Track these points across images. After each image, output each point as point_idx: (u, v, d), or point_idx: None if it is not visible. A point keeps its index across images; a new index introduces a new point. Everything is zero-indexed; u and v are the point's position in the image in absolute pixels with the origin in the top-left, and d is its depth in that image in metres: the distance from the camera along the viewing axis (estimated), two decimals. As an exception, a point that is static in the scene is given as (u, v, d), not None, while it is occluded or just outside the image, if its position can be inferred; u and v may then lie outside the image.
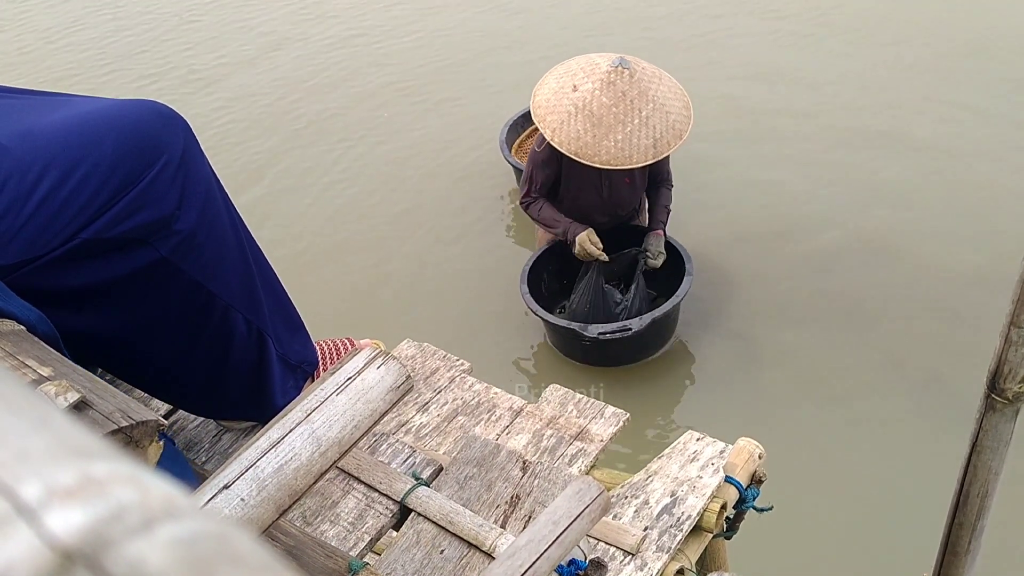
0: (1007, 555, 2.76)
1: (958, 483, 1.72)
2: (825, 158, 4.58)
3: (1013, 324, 1.40)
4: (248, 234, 1.57)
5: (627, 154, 3.15)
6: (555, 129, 3.20)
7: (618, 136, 3.13)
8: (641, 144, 3.14)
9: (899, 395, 3.42)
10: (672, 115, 3.20)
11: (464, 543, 1.52)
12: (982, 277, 3.76)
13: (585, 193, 3.53)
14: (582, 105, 3.16)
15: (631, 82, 3.16)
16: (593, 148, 3.14)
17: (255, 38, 6.37)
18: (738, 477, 1.84)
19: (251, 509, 1.12)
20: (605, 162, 3.16)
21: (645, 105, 3.15)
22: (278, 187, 4.84)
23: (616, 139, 3.13)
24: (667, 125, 3.18)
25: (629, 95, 3.15)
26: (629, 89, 3.16)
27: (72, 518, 0.25)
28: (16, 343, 1.13)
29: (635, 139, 3.13)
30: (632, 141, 3.13)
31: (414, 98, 5.42)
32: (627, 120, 3.13)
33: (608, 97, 3.15)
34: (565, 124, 3.18)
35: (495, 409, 2.08)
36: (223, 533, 0.27)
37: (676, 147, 3.20)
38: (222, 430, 1.82)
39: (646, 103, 3.16)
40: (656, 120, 3.16)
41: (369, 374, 1.25)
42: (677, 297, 3.43)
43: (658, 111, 3.17)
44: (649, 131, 3.15)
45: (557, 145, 3.19)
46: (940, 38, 5.36)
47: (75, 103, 1.36)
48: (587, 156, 3.16)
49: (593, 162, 3.16)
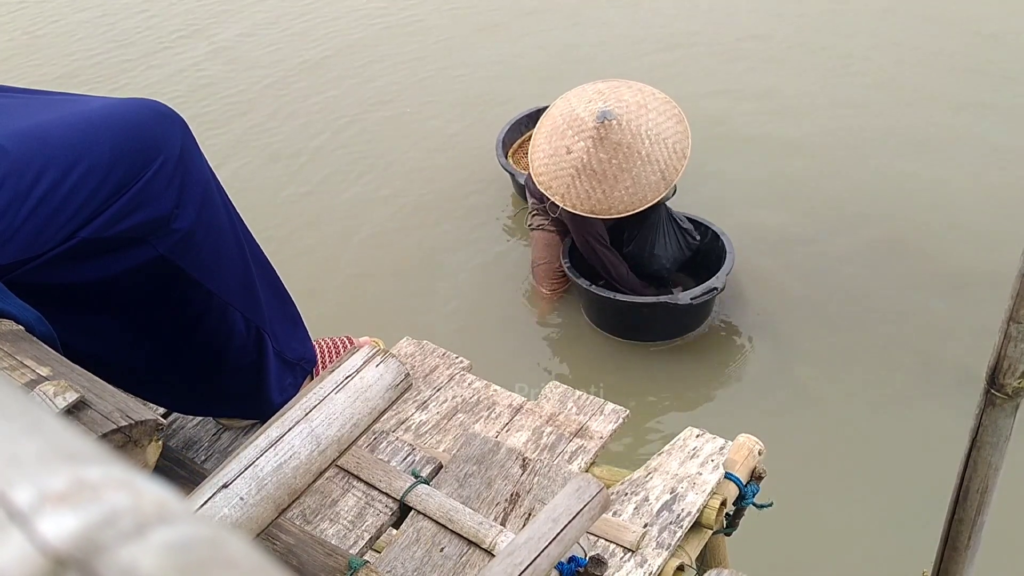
0: (1007, 551, 2.76)
1: (958, 479, 1.72)
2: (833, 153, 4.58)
3: (1012, 319, 1.40)
4: (247, 232, 1.57)
5: (640, 196, 3.17)
6: (563, 195, 3.23)
7: (626, 183, 3.14)
8: (650, 181, 3.16)
9: (899, 391, 3.42)
10: (670, 140, 3.19)
11: (464, 541, 1.52)
12: (992, 277, 3.75)
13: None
14: (581, 166, 3.17)
15: (621, 130, 3.15)
16: (606, 203, 3.17)
17: (254, 37, 6.36)
18: (738, 473, 1.84)
19: (250, 508, 1.12)
20: (621, 212, 3.20)
21: (642, 145, 3.15)
22: (276, 185, 4.83)
23: (625, 187, 3.14)
24: (669, 153, 3.18)
25: (624, 143, 3.15)
26: (622, 138, 3.15)
27: (64, 523, 0.25)
28: (14, 343, 1.13)
29: (642, 179, 3.15)
30: (640, 182, 3.15)
31: (415, 98, 5.41)
32: (629, 167, 3.14)
33: (604, 152, 3.15)
34: (571, 188, 3.20)
35: (495, 406, 2.08)
36: (216, 537, 0.27)
37: (683, 169, 3.21)
38: (221, 429, 1.82)
39: (642, 143, 3.15)
40: (657, 154, 3.16)
41: (368, 372, 1.25)
42: (727, 266, 3.46)
43: (656, 144, 3.16)
44: (653, 167, 3.15)
45: (571, 208, 3.22)
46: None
47: (73, 102, 1.36)
48: (603, 211, 3.20)
49: (611, 215, 3.20)
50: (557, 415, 2.02)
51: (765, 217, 4.23)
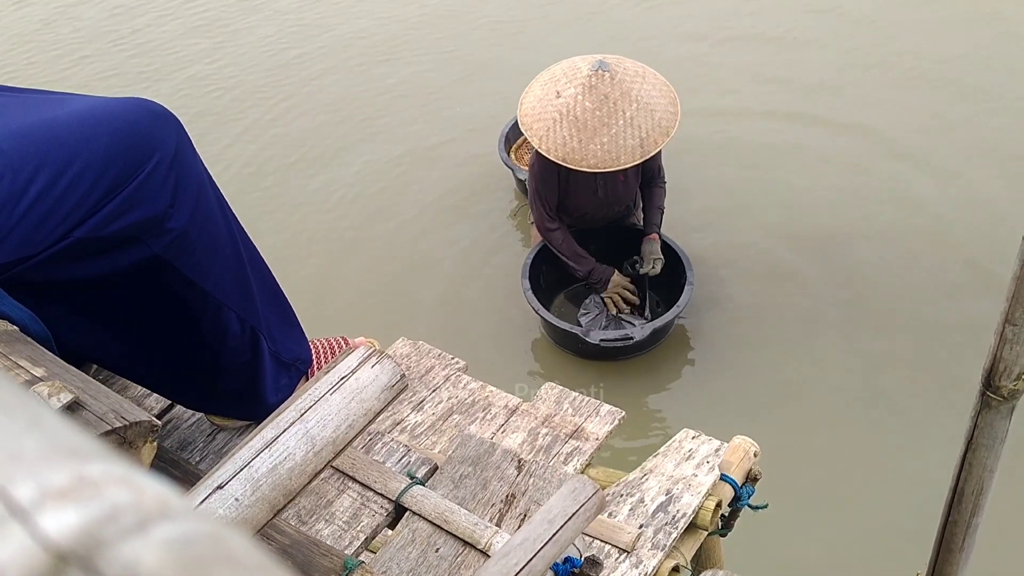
0: (1001, 552, 2.77)
1: (953, 480, 1.73)
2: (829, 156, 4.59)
3: (1008, 321, 1.40)
4: (242, 231, 1.57)
5: (614, 156, 3.15)
6: (542, 137, 3.22)
7: (604, 139, 3.13)
8: (628, 145, 3.15)
9: (893, 393, 3.43)
10: (658, 113, 3.20)
11: (459, 541, 1.52)
12: (984, 278, 3.77)
13: (581, 195, 3.55)
14: (566, 111, 3.17)
15: (612, 84, 3.17)
16: (580, 153, 3.15)
17: (252, 39, 6.35)
18: (733, 475, 1.85)
19: (245, 509, 1.12)
20: (592, 166, 3.17)
21: (628, 106, 3.15)
22: (273, 184, 4.83)
23: (602, 142, 3.14)
24: (653, 124, 3.18)
25: (611, 97, 3.15)
26: (611, 91, 3.16)
27: (66, 519, 0.25)
28: (9, 343, 1.13)
29: (621, 140, 3.14)
30: (618, 143, 3.14)
31: (414, 99, 5.41)
32: (611, 122, 3.14)
33: (591, 101, 3.16)
34: (551, 131, 3.19)
35: (490, 407, 2.08)
36: (217, 533, 0.26)
37: (663, 144, 3.21)
38: (216, 430, 1.82)
39: (629, 104, 3.16)
40: (641, 120, 3.16)
41: (363, 373, 1.25)
42: (678, 307, 3.45)
43: (642, 111, 3.16)
44: (635, 131, 3.15)
45: (545, 152, 3.21)
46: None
47: (68, 101, 1.36)
48: (575, 161, 3.17)
49: (581, 167, 3.18)
50: (553, 416, 2.03)
51: (755, 216, 4.24)
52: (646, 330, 3.43)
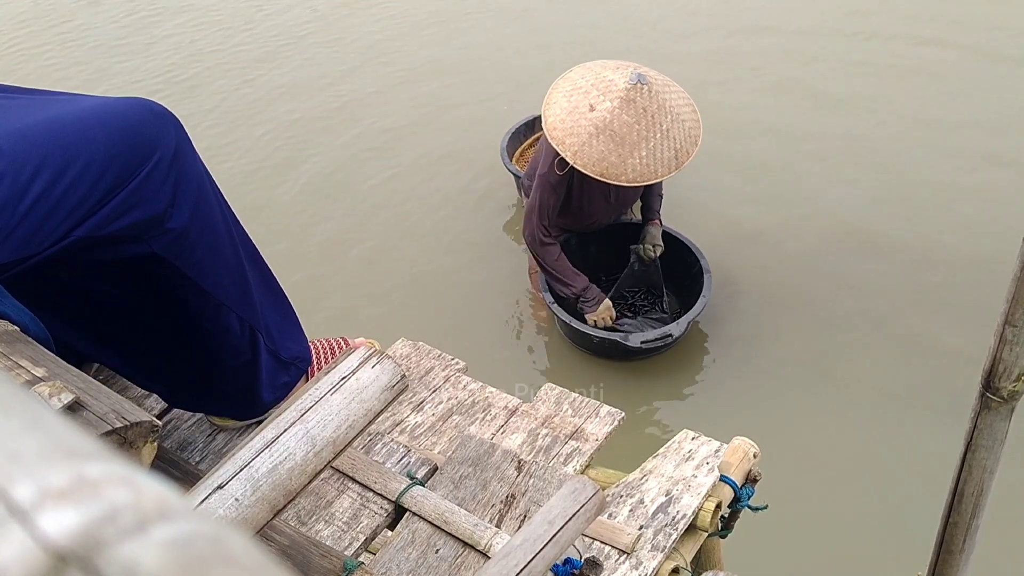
0: (1002, 554, 2.77)
1: (953, 482, 1.73)
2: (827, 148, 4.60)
3: (1008, 323, 1.40)
4: (242, 231, 1.57)
5: (652, 169, 3.13)
6: (576, 152, 3.14)
7: (642, 153, 3.10)
8: (664, 157, 3.12)
9: (894, 394, 3.43)
10: (687, 123, 3.18)
11: (459, 542, 1.52)
12: (990, 275, 3.76)
13: (595, 203, 3.54)
14: (603, 126, 3.11)
15: (650, 97, 3.13)
16: (619, 167, 3.11)
17: (252, 38, 6.35)
18: (733, 476, 1.85)
19: (245, 509, 1.12)
20: (631, 180, 3.14)
21: (664, 118, 3.13)
22: (273, 185, 4.83)
23: (641, 156, 3.10)
24: (685, 134, 3.16)
25: (650, 111, 3.12)
26: (649, 105, 3.12)
27: (65, 519, 0.25)
28: (10, 344, 1.13)
29: (658, 153, 3.11)
30: (656, 156, 3.11)
31: (413, 100, 5.41)
32: (650, 136, 3.11)
33: (629, 115, 3.11)
34: (587, 146, 3.13)
35: (490, 408, 2.08)
36: (217, 534, 0.26)
37: (694, 155, 3.19)
38: (216, 430, 1.82)
39: (665, 116, 3.13)
40: (675, 131, 3.14)
41: (364, 373, 1.25)
42: (704, 298, 3.46)
43: (676, 122, 3.14)
44: (670, 143, 3.12)
45: (581, 167, 3.14)
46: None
47: (67, 101, 1.36)
48: (613, 176, 3.13)
49: (620, 181, 3.14)
50: (553, 417, 2.03)
51: (754, 216, 4.24)
52: (682, 325, 3.42)
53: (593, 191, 3.47)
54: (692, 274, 3.61)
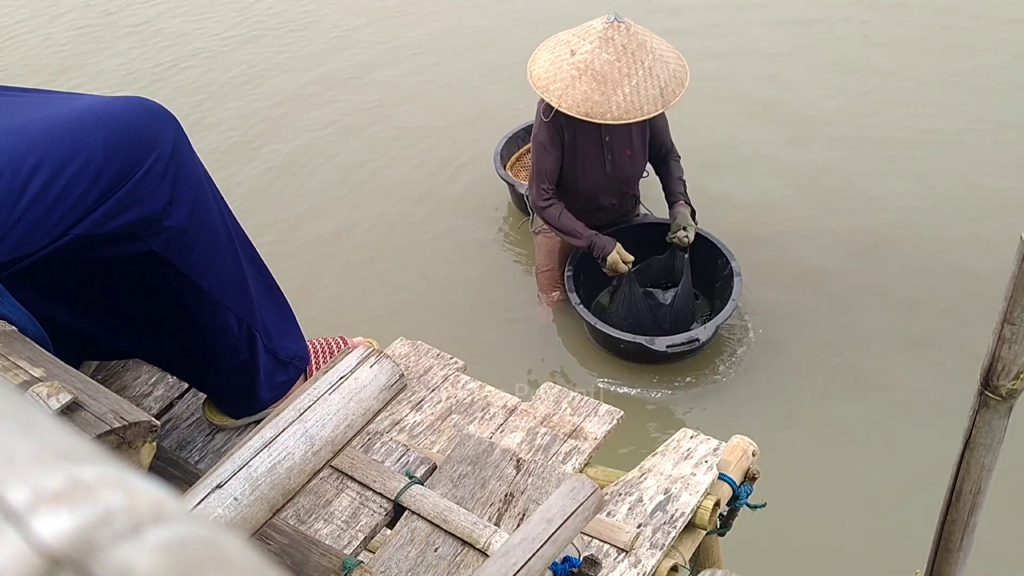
0: (1000, 552, 2.77)
1: (951, 480, 1.73)
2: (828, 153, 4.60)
3: (1006, 321, 1.40)
4: (240, 230, 1.57)
5: (637, 106, 3.11)
6: (561, 95, 3.15)
7: (625, 89, 3.09)
8: (649, 94, 3.11)
9: (892, 393, 3.43)
10: (671, 65, 3.18)
11: (458, 541, 1.52)
12: (991, 276, 3.76)
13: (590, 172, 3.49)
14: (584, 66, 3.12)
15: (628, 35, 3.14)
16: (603, 105, 3.10)
17: (252, 40, 6.35)
18: (732, 474, 1.85)
19: (244, 508, 1.12)
20: (617, 117, 3.12)
21: (646, 56, 3.13)
22: (273, 185, 4.83)
23: (624, 92, 3.09)
24: (670, 74, 3.15)
25: (629, 48, 3.12)
26: (628, 42, 3.13)
27: (60, 522, 0.25)
28: (8, 344, 1.13)
29: (642, 90, 3.11)
30: (640, 92, 3.10)
31: (413, 102, 5.41)
32: (632, 72, 3.11)
33: (609, 53, 3.11)
34: (570, 88, 3.13)
35: (489, 407, 2.08)
36: (212, 536, 0.26)
37: (681, 95, 3.17)
38: (215, 429, 1.82)
39: (647, 54, 3.13)
40: (659, 70, 3.13)
41: (362, 373, 1.25)
42: (733, 301, 3.42)
43: (659, 61, 3.14)
44: (654, 80, 3.12)
45: (566, 109, 3.13)
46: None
47: (65, 100, 1.36)
48: (598, 114, 3.11)
49: (605, 119, 3.12)
50: (551, 416, 2.03)
51: (760, 220, 4.24)
52: (709, 329, 3.39)
53: (588, 159, 3.44)
54: (723, 276, 3.56)
